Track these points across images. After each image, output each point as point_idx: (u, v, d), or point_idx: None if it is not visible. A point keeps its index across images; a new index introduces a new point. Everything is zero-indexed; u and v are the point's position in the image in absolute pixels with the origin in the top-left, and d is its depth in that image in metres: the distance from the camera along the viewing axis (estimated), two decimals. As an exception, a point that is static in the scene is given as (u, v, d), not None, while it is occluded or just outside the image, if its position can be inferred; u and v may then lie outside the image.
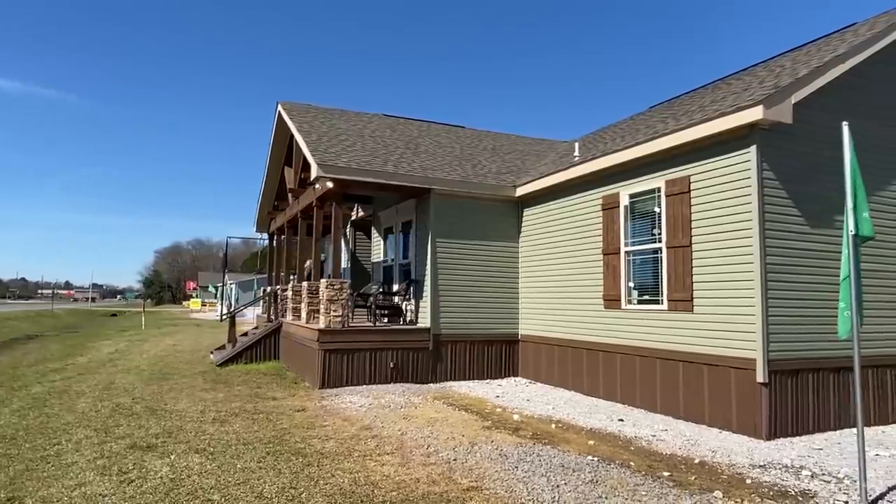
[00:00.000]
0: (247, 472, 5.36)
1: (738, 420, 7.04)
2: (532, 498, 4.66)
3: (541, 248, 11.14)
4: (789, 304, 7.02)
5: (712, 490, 4.92)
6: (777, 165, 7.10)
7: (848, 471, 5.52)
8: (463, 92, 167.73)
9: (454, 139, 14.65)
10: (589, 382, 9.64)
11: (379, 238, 13.94)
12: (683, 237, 7.91)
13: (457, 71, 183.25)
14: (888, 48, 7.88)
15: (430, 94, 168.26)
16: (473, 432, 6.86)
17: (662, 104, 13.28)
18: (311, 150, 10.59)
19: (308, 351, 10.64)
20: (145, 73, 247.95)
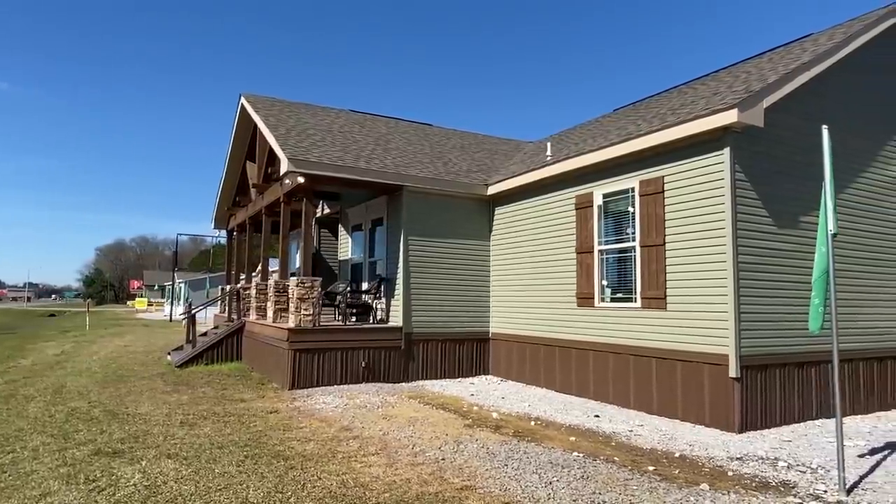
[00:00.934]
0: (227, 476, 5.14)
1: (710, 414, 7.25)
2: (527, 495, 4.64)
3: (513, 247, 11.19)
4: (759, 302, 7.28)
5: (698, 483, 5.03)
6: (748, 167, 7.34)
7: (820, 461, 5.75)
8: (423, 91, 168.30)
9: (423, 137, 14.55)
10: (561, 379, 9.74)
11: (346, 235, 13.70)
12: (657, 236, 8.08)
13: (417, 71, 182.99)
14: (847, 58, 8.26)
15: (392, 94, 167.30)
16: (456, 431, 6.80)
17: (627, 107, 13.57)
18: (281, 145, 10.29)
19: (276, 351, 10.34)
20: (84, 60, 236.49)
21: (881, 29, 8.73)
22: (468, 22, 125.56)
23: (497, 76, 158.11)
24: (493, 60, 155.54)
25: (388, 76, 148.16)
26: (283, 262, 11.57)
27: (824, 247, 4.90)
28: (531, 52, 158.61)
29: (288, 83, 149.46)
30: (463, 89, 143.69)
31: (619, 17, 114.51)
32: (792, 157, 7.81)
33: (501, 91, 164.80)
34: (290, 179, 10.07)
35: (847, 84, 8.58)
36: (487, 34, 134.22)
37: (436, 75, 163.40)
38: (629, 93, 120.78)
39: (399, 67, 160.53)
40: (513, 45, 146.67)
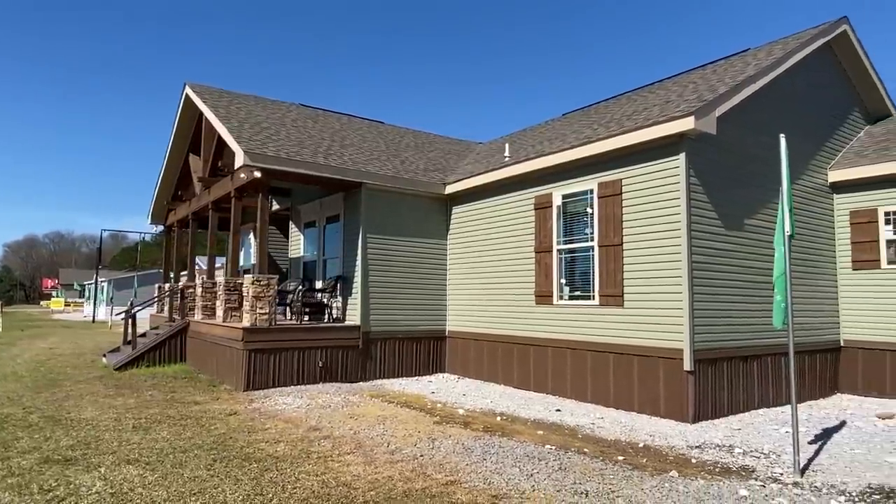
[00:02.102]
0: (198, 480, 4.93)
1: (666, 406, 7.62)
2: (512, 487, 4.73)
3: (471, 246, 11.30)
4: (711, 300, 7.72)
5: (667, 471, 5.29)
6: (701, 172, 7.78)
7: (770, 447, 6.18)
8: (357, 91, 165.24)
9: (377, 134, 14.43)
10: (520, 376, 9.94)
11: (298, 233, 13.38)
12: (615, 236, 8.41)
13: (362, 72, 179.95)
14: (785, 72, 8.91)
15: (325, 91, 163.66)
16: (427, 428, 6.81)
17: (577, 112, 14.01)
18: (236, 137, 9.93)
19: (227, 351, 9.97)
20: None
21: (814, 47, 9.47)
22: (397, 22, 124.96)
23: (427, 76, 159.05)
24: (425, 61, 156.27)
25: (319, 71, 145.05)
26: (233, 260, 11.16)
27: (782, 248, 5.27)
28: (463, 55, 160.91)
29: (217, 74, 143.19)
30: (390, 87, 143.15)
31: (553, 28, 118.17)
32: (738, 164, 8.34)
33: (426, 90, 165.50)
34: (245, 174, 9.74)
35: (785, 96, 9.24)
36: (419, 35, 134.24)
37: (366, 74, 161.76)
38: (561, 99, 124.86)
39: (347, 65, 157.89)
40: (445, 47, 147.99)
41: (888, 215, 9.52)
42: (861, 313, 9.71)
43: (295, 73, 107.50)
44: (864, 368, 9.63)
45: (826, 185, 10.03)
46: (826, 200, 10.02)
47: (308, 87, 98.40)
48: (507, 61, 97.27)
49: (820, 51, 9.76)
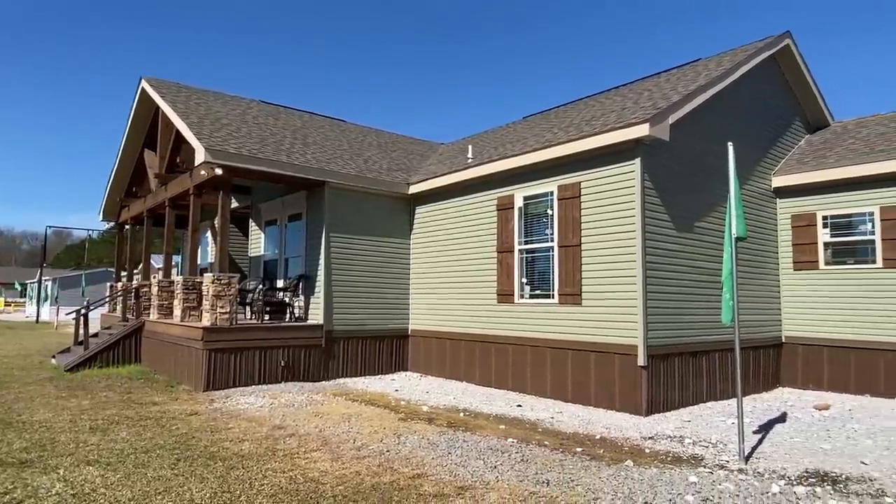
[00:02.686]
0: (163, 480, 4.90)
1: (620, 400, 7.95)
2: (477, 478, 4.90)
3: (434, 245, 11.45)
4: (663, 298, 8.10)
5: (623, 460, 5.56)
6: (655, 177, 8.14)
7: (718, 437, 6.55)
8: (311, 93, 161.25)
9: (340, 133, 14.40)
10: (481, 373, 10.14)
11: (259, 231, 13.23)
12: (574, 237, 8.70)
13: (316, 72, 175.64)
14: (733, 83, 9.40)
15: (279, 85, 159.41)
16: (392, 424, 6.92)
17: (537, 115, 14.34)
18: (196, 134, 9.77)
19: (186, 351, 9.81)
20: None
21: (760, 59, 10.02)
22: (362, 24, 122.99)
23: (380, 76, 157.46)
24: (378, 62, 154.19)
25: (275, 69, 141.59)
26: (192, 259, 10.97)
27: (730, 249, 5.61)
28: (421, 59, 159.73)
29: (174, 70, 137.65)
30: (353, 88, 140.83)
31: (519, 35, 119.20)
32: (690, 169, 8.76)
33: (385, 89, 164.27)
34: (206, 171, 9.60)
35: (733, 105, 9.74)
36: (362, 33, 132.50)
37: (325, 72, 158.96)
38: (525, 103, 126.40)
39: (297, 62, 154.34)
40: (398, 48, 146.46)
41: (825, 219, 10.16)
42: (801, 311, 10.33)
43: (260, 74, 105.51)
44: (803, 363, 10.25)
45: (770, 191, 10.62)
46: (770, 204, 10.61)
47: (268, 85, 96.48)
48: (471, 67, 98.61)
49: (765, 63, 10.32)
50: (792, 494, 4.61)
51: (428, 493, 4.53)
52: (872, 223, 9.60)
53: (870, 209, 9.63)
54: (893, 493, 4.71)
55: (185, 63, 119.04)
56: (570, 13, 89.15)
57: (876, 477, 5.13)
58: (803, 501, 4.46)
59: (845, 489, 4.79)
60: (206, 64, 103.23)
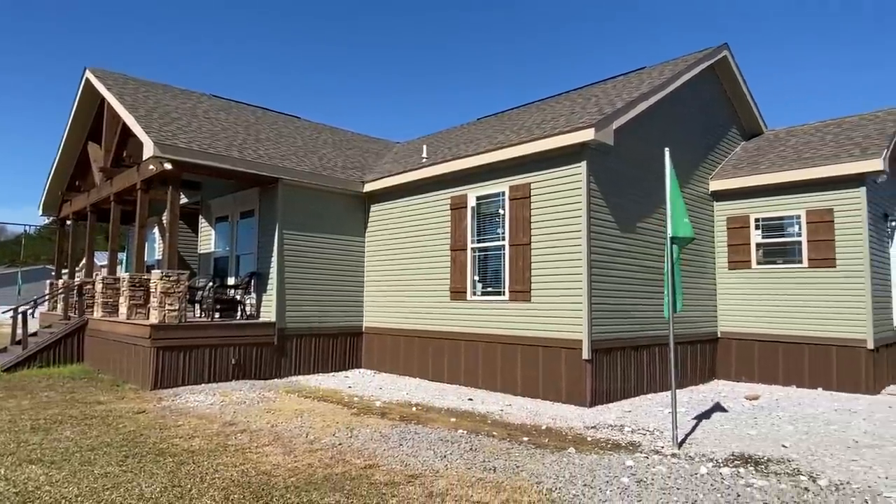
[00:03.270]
0: (111, 476, 4.87)
1: (566, 392, 8.29)
2: (427, 467, 5.08)
3: (388, 243, 11.56)
4: (607, 295, 8.48)
5: (566, 448, 5.85)
6: (600, 179, 8.52)
7: (655, 425, 6.94)
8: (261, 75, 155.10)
9: (294, 130, 14.30)
10: (434, 369, 10.33)
11: (209, 228, 13.01)
12: (524, 236, 8.99)
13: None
14: (674, 91, 9.90)
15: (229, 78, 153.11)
16: (345, 419, 7.01)
17: (491, 117, 14.64)
18: (144, 127, 9.57)
19: (132, 349, 9.60)
20: None
21: (699, 69, 10.58)
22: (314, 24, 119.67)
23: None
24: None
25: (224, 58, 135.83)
26: (139, 255, 10.72)
27: (669, 249, 5.98)
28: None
29: (119, 61, 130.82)
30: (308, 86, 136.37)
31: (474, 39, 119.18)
32: (633, 172, 9.19)
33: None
34: (155, 165, 9.41)
35: (674, 112, 10.26)
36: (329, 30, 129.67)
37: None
38: (477, 104, 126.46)
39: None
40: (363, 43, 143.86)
41: (757, 221, 10.83)
42: (735, 308, 10.97)
43: (205, 68, 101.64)
44: (736, 357, 10.89)
45: (708, 194, 11.22)
46: (708, 207, 11.22)
47: (216, 80, 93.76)
48: (428, 73, 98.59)
49: (704, 72, 10.91)
50: (718, 475, 4.98)
51: (379, 482, 4.68)
52: (799, 225, 10.30)
53: (797, 212, 10.32)
54: (807, 471, 5.15)
55: (128, 54, 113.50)
56: (541, 25, 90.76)
57: (794, 458, 5.59)
58: (727, 481, 4.83)
59: (766, 469, 5.20)
60: (149, 56, 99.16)
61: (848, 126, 11.31)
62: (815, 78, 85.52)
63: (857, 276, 9.57)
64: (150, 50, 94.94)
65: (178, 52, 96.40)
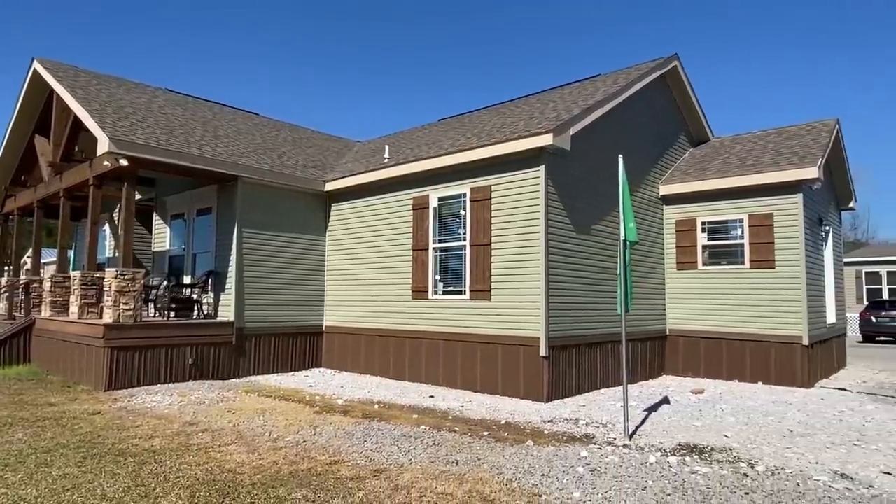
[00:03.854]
0: (70, 477, 4.81)
1: (524, 388, 8.56)
2: (391, 462, 5.22)
3: (349, 243, 11.60)
4: (563, 294, 8.80)
5: (524, 441, 6.09)
6: (557, 182, 8.83)
7: (608, 418, 7.28)
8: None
9: (252, 127, 14.14)
10: (395, 367, 10.46)
11: (164, 225, 12.74)
12: (485, 237, 9.22)
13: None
14: (627, 99, 10.33)
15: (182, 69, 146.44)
16: (308, 417, 7.07)
17: (452, 118, 14.85)
18: (99, 122, 9.32)
19: (85, 350, 9.35)
20: None
21: (651, 78, 11.06)
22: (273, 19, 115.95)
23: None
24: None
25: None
26: (91, 253, 10.42)
27: (622, 251, 6.30)
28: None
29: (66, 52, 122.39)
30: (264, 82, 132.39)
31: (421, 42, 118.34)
32: (588, 176, 9.55)
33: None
34: (110, 161, 9.19)
35: (627, 119, 10.70)
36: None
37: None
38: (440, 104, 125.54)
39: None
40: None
41: (704, 224, 11.40)
42: (682, 306, 11.52)
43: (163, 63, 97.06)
44: (684, 353, 11.44)
45: (658, 198, 11.73)
46: (658, 210, 11.73)
47: (171, 73, 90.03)
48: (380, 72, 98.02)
49: (656, 81, 11.40)
50: (666, 463, 5.31)
51: (345, 477, 4.79)
52: (742, 229, 10.90)
53: (741, 216, 10.93)
54: (747, 458, 5.55)
55: (68, 44, 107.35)
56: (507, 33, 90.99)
57: (734, 447, 5.99)
58: (674, 468, 5.16)
59: (709, 457, 5.58)
60: (96, 48, 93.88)
61: (787, 135, 12.03)
62: (761, 87, 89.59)
63: (794, 277, 10.22)
64: (96, 42, 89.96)
65: (128, 44, 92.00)
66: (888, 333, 21.53)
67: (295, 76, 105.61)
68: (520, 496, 4.39)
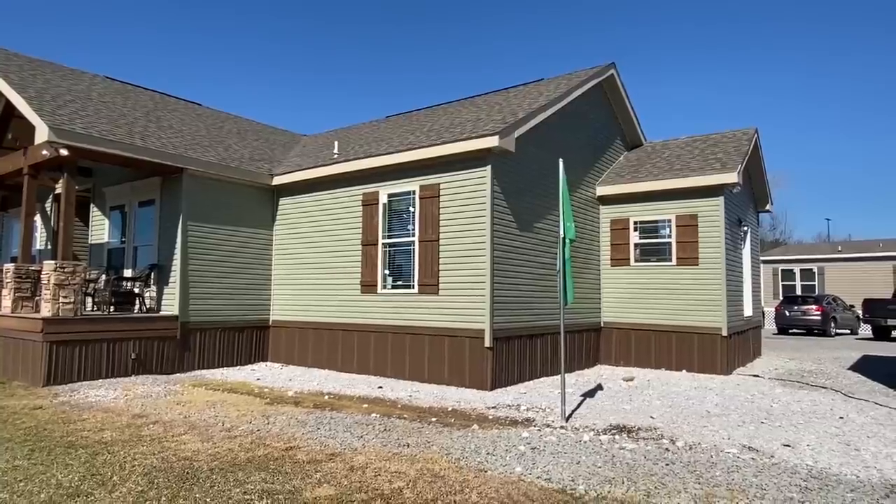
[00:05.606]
0: (21, 469, 4.81)
1: (470, 378, 8.98)
2: (345, 447, 5.49)
3: (298, 237, 11.67)
4: (507, 288, 9.27)
5: (470, 426, 6.49)
6: (502, 182, 9.27)
7: (547, 404, 7.80)
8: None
9: (196, 117, 13.89)
10: (343, 360, 10.65)
11: (102, 217, 12.36)
12: (433, 233, 9.57)
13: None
14: (568, 104, 10.90)
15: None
16: (260, 408, 7.21)
17: (399, 116, 15.10)
18: (37, 110, 9.02)
19: (20, 344, 9.05)
20: None
21: (590, 85, 11.71)
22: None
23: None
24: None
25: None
26: (25, 245, 10.05)
27: (561, 247, 6.79)
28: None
29: None
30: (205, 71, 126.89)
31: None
32: (531, 176, 10.06)
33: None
34: (49, 151, 8.92)
35: (568, 123, 11.29)
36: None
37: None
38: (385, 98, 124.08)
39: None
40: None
41: (636, 224, 12.18)
42: (615, 300, 12.27)
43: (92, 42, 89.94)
44: (616, 344, 12.20)
45: (595, 198, 12.43)
46: (595, 210, 12.43)
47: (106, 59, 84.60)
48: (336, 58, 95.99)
49: (595, 88, 12.07)
50: (598, 441, 5.84)
51: (302, 461, 5.03)
52: (670, 228, 11.73)
53: (669, 216, 11.76)
54: (669, 436, 6.15)
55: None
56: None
57: (659, 426, 6.61)
58: (605, 445, 5.69)
59: (637, 436, 6.15)
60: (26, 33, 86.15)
61: (712, 142, 12.99)
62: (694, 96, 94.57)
63: (715, 274, 11.12)
64: (27, 26, 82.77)
65: (59, 30, 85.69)
66: (800, 326, 23.45)
67: (240, 69, 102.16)
68: (467, 472, 4.77)
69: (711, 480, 4.71)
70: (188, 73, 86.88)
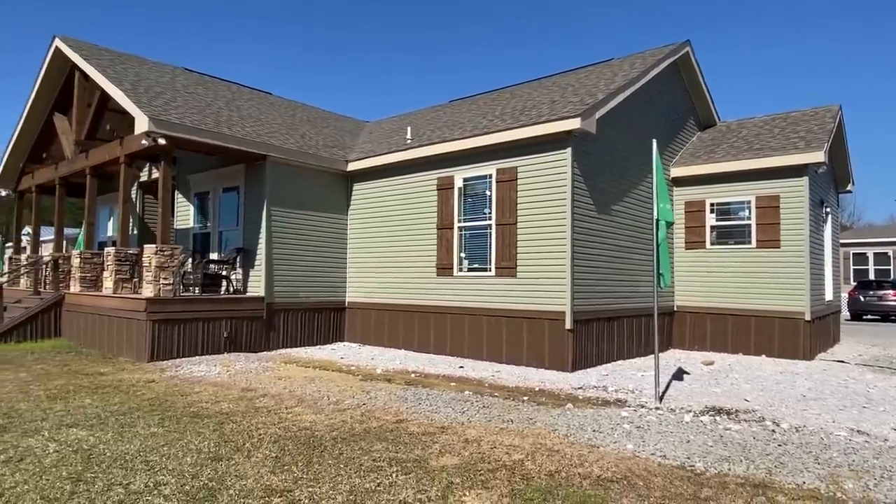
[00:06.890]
0: (158, 436, 5.21)
1: (549, 359, 9.07)
2: (452, 421, 5.69)
3: (372, 221, 11.95)
4: (587, 271, 9.28)
5: (564, 405, 6.59)
6: (582, 165, 9.24)
7: (633, 386, 7.81)
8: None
9: (269, 106, 14.32)
10: (420, 340, 10.91)
11: (187, 203, 12.96)
12: (510, 216, 9.64)
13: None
14: (646, 83, 10.70)
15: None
16: (356, 384, 7.51)
17: (463, 100, 15.14)
18: (135, 101, 9.52)
19: (123, 323, 9.68)
20: None
21: (666, 64, 11.44)
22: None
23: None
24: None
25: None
26: (123, 230, 10.67)
27: (655, 230, 6.76)
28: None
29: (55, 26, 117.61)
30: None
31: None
32: (610, 158, 9.98)
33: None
34: (147, 140, 9.42)
35: (644, 103, 11.09)
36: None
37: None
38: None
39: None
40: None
41: (712, 206, 11.91)
42: (690, 284, 12.07)
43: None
44: (690, 328, 12.02)
45: (669, 180, 12.20)
46: (669, 192, 12.19)
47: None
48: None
49: (669, 67, 11.79)
50: (699, 422, 5.84)
51: (416, 433, 5.25)
52: (749, 210, 11.42)
53: (748, 198, 11.44)
54: (770, 418, 6.09)
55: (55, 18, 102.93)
56: None
57: (757, 409, 6.54)
58: (709, 426, 5.69)
59: (737, 417, 6.11)
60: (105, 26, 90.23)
61: (793, 121, 12.51)
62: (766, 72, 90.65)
63: (798, 256, 10.79)
64: (107, 18, 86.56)
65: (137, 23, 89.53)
66: (875, 311, 22.42)
67: (283, 54, 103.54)
68: (580, 447, 4.88)
69: (831, 461, 4.66)
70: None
